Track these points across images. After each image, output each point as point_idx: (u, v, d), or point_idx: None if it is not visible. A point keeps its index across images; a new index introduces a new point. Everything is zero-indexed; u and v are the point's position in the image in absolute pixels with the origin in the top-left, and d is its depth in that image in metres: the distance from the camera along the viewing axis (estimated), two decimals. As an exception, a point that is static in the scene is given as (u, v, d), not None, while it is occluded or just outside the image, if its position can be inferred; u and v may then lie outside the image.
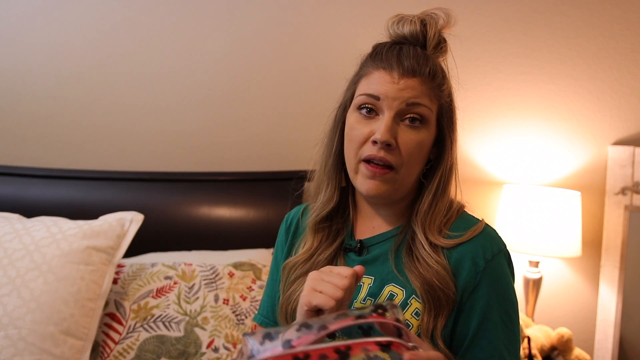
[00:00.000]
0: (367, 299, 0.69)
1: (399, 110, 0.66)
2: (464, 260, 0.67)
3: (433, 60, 0.69)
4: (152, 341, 1.07)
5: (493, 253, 0.67)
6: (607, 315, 1.43)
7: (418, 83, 0.66)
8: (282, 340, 0.43)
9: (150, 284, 1.14)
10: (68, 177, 1.39)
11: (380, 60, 0.68)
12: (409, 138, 0.67)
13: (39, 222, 1.14)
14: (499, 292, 0.67)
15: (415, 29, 0.69)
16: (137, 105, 1.54)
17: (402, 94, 0.66)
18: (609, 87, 1.48)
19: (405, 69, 0.66)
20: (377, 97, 0.67)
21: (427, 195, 0.70)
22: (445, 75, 0.71)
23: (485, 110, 1.53)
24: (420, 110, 0.67)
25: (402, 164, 0.67)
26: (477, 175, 1.53)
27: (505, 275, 0.68)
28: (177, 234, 1.36)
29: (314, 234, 0.75)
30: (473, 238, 0.68)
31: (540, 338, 1.35)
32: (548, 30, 1.48)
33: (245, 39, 1.52)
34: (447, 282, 0.65)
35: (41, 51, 1.52)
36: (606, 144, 1.49)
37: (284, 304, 0.74)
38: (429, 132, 0.69)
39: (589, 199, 1.48)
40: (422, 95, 0.67)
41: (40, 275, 1.03)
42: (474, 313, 0.66)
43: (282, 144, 1.53)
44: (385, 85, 0.66)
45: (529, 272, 1.44)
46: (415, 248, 0.68)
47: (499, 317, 0.66)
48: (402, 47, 0.69)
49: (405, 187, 0.70)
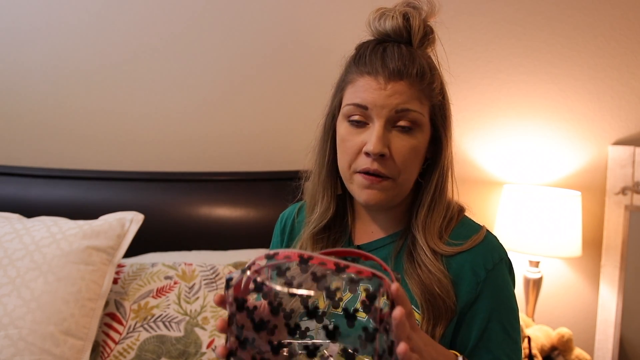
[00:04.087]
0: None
1: (389, 118, 0.63)
2: (464, 271, 0.65)
3: (420, 59, 0.65)
4: (152, 341, 1.06)
5: (494, 262, 0.65)
6: (607, 315, 1.43)
7: (406, 86, 0.62)
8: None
9: (150, 283, 1.14)
10: (68, 177, 1.38)
11: (364, 64, 0.64)
12: (402, 145, 0.64)
13: (39, 222, 1.14)
14: (500, 301, 0.65)
15: (397, 25, 0.65)
16: (137, 105, 1.54)
17: (390, 100, 0.62)
18: (609, 87, 1.47)
19: (391, 72, 0.62)
20: (364, 106, 0.63)
21: (425, 197, 0.68)
22: (435, 71, 0.66)
23: (485, 110, 1.52)
24: (411, 115, 0.63)
25: (398, 172, 0.65)
26: (477, 175, 1.53)
27: (506, 284, 0.66)
28: (177, 233, 1.36)
29: (312, 246, 0.72)
30: (473, 247, 0.65)
31: (540, 338, 1.35)
32: (548, 30, 1.48)
33: (244, 38, 1.52)
34: (448, 290, 0.63)
35: (42, 51, 1.51)
36: (606, 144, 1.48)
37: None
38: (423, 134, 0.66)
39: (589, 198, 1.48)
40: (412, 99, 0.63)
41: (41, 275, 1.03)
42: (475, 323, 0.64)
43: (283, 143, 1.52)
44: (371, 92, 0.63)
45: (529, 272, 1.44)
46: (416, 254, 0.66)
47: (500, 327, 0.64)
48: (387, 47, 0.64)
49: (405, 192, 0.68)
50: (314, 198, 0.73)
